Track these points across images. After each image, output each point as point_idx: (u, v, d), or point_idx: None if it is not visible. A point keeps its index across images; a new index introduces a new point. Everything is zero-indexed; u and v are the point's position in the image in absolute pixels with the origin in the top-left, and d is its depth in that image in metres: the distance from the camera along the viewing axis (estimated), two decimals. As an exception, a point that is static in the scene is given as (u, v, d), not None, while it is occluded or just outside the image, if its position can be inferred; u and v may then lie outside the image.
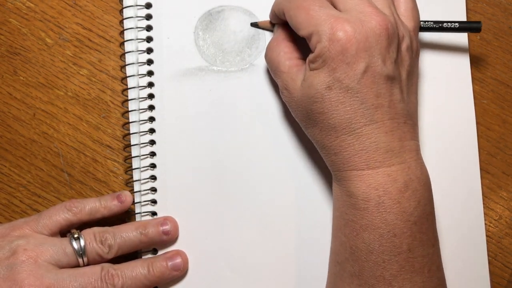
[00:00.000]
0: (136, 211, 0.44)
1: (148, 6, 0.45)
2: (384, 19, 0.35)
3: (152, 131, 0.44)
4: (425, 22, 0.42)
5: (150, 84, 0.44)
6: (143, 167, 0.44)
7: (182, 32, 0.45)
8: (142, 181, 0.44)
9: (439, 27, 0.42)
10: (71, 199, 0.42)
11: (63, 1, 0.46)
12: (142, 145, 0.44)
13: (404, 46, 0.37)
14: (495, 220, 0.45)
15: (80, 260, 0.39)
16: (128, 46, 0.45)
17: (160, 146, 0.44)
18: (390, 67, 0.35)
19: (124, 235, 0.41)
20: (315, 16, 0.35)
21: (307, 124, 0.38)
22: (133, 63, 0.44)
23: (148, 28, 0.45)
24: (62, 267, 0.39)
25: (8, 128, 0.45)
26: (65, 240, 0.40)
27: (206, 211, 0.44)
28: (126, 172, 0.45)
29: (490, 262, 0.44)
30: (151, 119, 0.44)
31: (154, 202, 0.44)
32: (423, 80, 0.45)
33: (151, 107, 0.44)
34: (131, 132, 0.44)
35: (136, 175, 0.44)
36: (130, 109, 0.44)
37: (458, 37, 0.45)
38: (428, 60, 0.45)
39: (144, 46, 0.45)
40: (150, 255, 0.43)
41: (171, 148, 0.44)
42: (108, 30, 0.46)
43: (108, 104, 0.45)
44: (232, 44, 0.45)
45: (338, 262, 0.37)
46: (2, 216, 0.44)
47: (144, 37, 0.45)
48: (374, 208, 0.35)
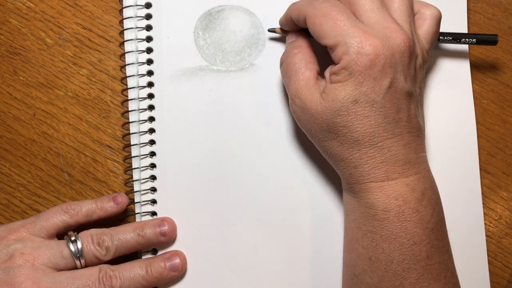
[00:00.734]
0: (136, 211, 0.44)
1: (148, 6, 0.45)
2: (408, 37, 0.36)
3: (152, 131, 0.44)
4: (444, 37, 0.42)
5: (150, 84, 0.44)
6: (143, 167, 0.44)
7: (182, 32, 0.45)
8: (142, 181, 0.44)
9: (457, 41, 0.43)
10: (68, 202, 0.42)
11: (63, 1, 0.46)
12: (142, 145, 0.44)
13: (418, 64, 0.38)
14: (495, 220, 0.45)
15: (77, 262, 0.39)
16: (128, 46, 0.45)
17: (160, 145, 0.44)
18: (409, 84, 0.36)
19: (121, 236, 0.40)
20: (343, 27, 0.35)
21: (325, 137, 0.37)
22: (133, 63, 0.44)
23: (148, 28, 0.45)
24: (59, 270, 0.39)
25: (8, 128, 0.45)
26: (62, 243, 0.40)
27: (206, 211, 0.44)
28: (126, 172, 0.45)
29: (490, 262, 0.44)
30: (151, 119, 0.44)
31: (154, 202, 0.44)
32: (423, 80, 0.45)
33: (151, 107, 0.44)
34: (131, 132, 0.44)
35: (136, 175, 0.44)
36: (130, 109, 0.44)
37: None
38: (428, 60, 0.45)
39: (144, 46, 0.45)
40: (149, 256, 0.43)
41: (171, 147, 0.44)
42: (108, 30, 0.46)
43: (108, 104, 0.45)
44: (232, 44, 0.45)
45: (355, 275, 0.37)
46: (2, 216, 0.44)
47: (144, 37, 0.45)
48: (394, 217, 0.35)
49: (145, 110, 0.44)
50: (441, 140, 0.45)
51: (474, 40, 0.43)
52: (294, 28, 0.41)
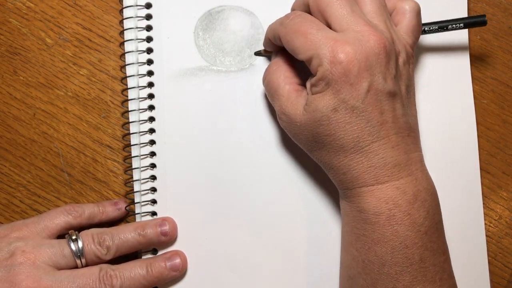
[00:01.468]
0: (136, 211, 0.44)
1: (148, 6, 0.45)
2: (381, 37, 0.35)
3: (152, 131, 0.44)
4: (429, 27, 0.42)
5: (150, 84, 0.44)
6: (143, 167, 0.44)
7: (182, 32, 0.45)
8: (142, 181, 0.44)
9: (444, 29, 0.42)
10: (71, 203, 0.42)
11: (63, 1, 0.46)
12: (142, 145, 0.44)
13: (401, 60, 0.37)
14: (495, 220, 0.45)
15: (78, 261, 0.39)
16: (128, 46, 0.45)
17: (160, 146, 0.44)
18: (391, 83, 0.36)
19: (122, 236, 0.41)
20: (314, 40, 0.35)
21: (313, 148, 0.38)
22: (133, 63, 0.44)
23: (148, 28, 0.45)
24: (60, 268, 0.39)
25: (8, 128, 0.45)
26: (63, 242, 0.40)
27: (206, 211, 0.44)
28: (126, 172, 0.45)
29: (490, 262, 0.44)
30: (151, 119, 0.44)
31: (154, 202, 0.44)
32: (423, 80, 0.45)
33: (151, 107, 0.44)
34: (131, 132, 0.44)
35: (136, 175, 0.44)
36: (130, 109, 0.44)
37: (459, 37, 0.45)
38: (428, 60, 0.45)
39: (144, 46, 0.45)
40: (150, 256, 0.43)
41: (171, 147, 0.44)
42: (108, 30, 0.46)
43: (108, 104, 0.45)
44: (232, 44, 0.45)
45: (350, 277, 0.38)
46: (2, 216, 0.44)
47: (144, 37, 0.45)
48: (385, 221, 0.35)
49: (145, 110, 0.44)
50: (441, 140, 0.45)
51: (462, 25, 0.41)
52: (275, 48, 0.41)
